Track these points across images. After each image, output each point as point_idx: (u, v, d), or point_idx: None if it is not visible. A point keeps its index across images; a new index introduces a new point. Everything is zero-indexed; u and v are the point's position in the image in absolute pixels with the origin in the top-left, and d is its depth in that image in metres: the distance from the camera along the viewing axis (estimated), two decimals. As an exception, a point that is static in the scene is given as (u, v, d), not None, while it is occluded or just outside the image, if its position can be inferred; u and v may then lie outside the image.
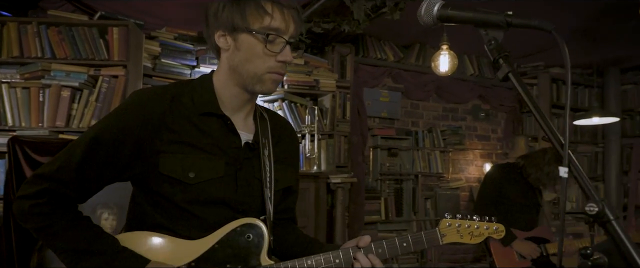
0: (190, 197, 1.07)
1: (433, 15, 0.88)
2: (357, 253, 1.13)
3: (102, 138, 1.05)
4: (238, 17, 1.07)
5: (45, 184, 1.03)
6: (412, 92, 4.66)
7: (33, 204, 1.02)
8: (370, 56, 4.43)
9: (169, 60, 3.49)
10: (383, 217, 4.18)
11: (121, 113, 1.08)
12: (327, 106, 3.96)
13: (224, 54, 1.13)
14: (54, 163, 1.05)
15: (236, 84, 1.13)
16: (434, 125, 4.71)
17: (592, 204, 0.63)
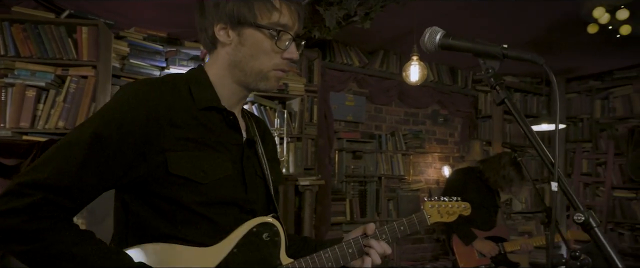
0: (201, 198, 0.98)
1: (435, 43, 0.98)
2: (368, 240, 1.17)
3: (105, 135, 0.91)
4: (246, 10, 1.01)
5: (39, 194, 0.86)
6: (376, 97, 4.81)
7: (25, 220, 0.85)
8: (336, 61, 4.54)
9: (138, 60, 3.45)
10: (348, 218, 4.31)
11: (123, 106, 0.94)
12: (296, 110, 4.04)
13: (223, 48, 1.05)
14: (43, 167, 0.88)
15: (235, 81, 1.07)
16: (396, 129, 4.88)
17: (580, 214, 0.75)
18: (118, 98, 0.96)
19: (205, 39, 1.07)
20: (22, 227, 0.85)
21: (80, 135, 0.91)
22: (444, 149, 5.24)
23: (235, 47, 1.04)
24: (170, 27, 3.66)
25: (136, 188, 0.97)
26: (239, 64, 1.05)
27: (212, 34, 1.04)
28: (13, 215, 0.85)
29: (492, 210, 3.37)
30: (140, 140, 0.93)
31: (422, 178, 4.97)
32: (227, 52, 1.05)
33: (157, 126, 0.95)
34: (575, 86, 5.69)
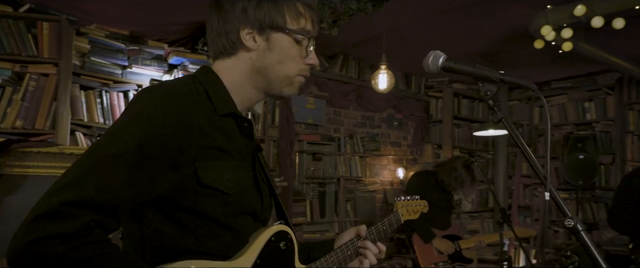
0: (227, 210, 0.94)
1: (438, 65, 1.09)
2: (363, 242, 1.24)
3: (148, 147, 0.83)
4: (277, 15, 1.00)
5: (90, 215, 0.77)
6: (335, 100, 4.93)
7: (74, 247, 0.75)
8: (298, 64, 4.61)
9: (99, 58, 3.35)
10: (308, 219, 4.39)
11: (160, 114, 0.86)
12: (259, 112, 4.07)
13: (247, 53, 1.02)
14: (87, 183, 0.79)
15: (255, 87, 1.04)
16: (354, 132, 5.03)
17: (570, 220, 0.88)
18: (152, 104, 0.88)
19: (223, 43, 1.02)
20: (69, 255, 0.75)
21: (123, 146, 0.83)
22: (398, 152, 5.46)
23: (262, 52, 1.01)
24: (134, 25, 3.59)
25: (158, 202, 0.90)
26: (264, 69, 1.02)
27: (236, 39, 1.00)
28: (60, 242, 0.75)
29: (448, 211, 3.59)
30: (176, 151, 0.87)
31: (378, 180, 5.16)
32: (251, 58, 1.02)
33: (190, 135, 0.89)
34: (516, 94, 6.11)
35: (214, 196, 0.92)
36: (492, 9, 3.56)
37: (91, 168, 0.81)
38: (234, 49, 1.02)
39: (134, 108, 0.89)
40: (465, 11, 3.59)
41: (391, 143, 5.41)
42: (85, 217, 0.77)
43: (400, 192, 5.30)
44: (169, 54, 3.71)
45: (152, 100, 0.88)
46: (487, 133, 4.89)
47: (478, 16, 3.71)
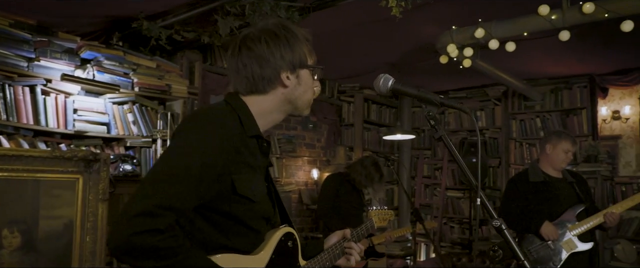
0: (253, 214, 1.17)
1: (387, 87, 1.25)
2: (348, 243, 1.48)
3: (208, 164, 1.06)
4: (302, 54, 1.25)
5: (172, 216, 1.00)
6: (253, 102, 4.99)
7: (162, 239, 0.98)
8: (217, 65, 4.60)
9: (3, 49, 3.06)
10: (227, 220, 4.40)
11: (214, 136, 1.10)
12: (178, 111, 3.99)
13: (283, 89, 1.24)
14: (167, 191, 1.01)
15: (283, 112, 1.29)
16: (271, 134, 5.12)
17: (496, 221, 1.09)
18: (208, 131, 1.10)
19: (263, 85, 1.23)
20: (160, 245, 0.97)
21: (191, 161, 1.05)
22: (312, 153, 5.65)
23: (294, 87, 1.25)
24: (42, 15, 3.33)
25: (199, 206, 1.11)
26: (294, 100, 1.27)
27: (276, 80, 1.23)
28: (155, 234, 0.97)
29: (361, 209, 3.84)
30: (222, 167, 1.10)
31: (294, 181, 5.31)
32: (284, 92, 1.25)
33: (231, 154, 1.12)
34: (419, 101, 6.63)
35: (244, 203, 1.16)
36: (405, 25, 3.88)
37: (171, 180, 1.03)
38: (271, 88, 1.24)
39: (195, 132, 1.11)
40: (382, 24, 3.87)
41: (306, 144, 5.59)
42: (170, 218, 1.00)
43: (314, 192, 5.50)
44: (82, 47, 3.50)
45: (208, 128, 1.11)
46: (395, 137, 5.28)
47: (392, 30, 4.02)
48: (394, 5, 2.52)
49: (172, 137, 1.15)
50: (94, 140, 3.50)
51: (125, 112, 3.65)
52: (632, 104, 5.19)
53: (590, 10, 2.93)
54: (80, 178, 2.69)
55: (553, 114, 5.58)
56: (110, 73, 3.56)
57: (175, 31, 3.60)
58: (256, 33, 1.24)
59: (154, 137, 3.71)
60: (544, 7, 3.10)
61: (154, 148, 3.74)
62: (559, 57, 4.81)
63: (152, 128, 3.73)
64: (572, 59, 4.88)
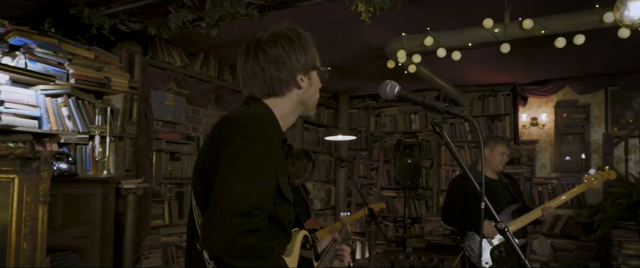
0: (290, 216, 1.22)
1: (395, 93, 1.29)
2: (340, 245, 1.55)
3: (275, 167, 1.11)
4: (314, 58, 1.31)
5: (265, 216, 1.05)
6: (194, 98, 4.81)
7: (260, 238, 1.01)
8: (158, 58, 4.38)
9: None
10: (167, 221, 4.20)
11: (273, 141, 1.14)
12: (118, 106, 3.75)
13: (298, 91, 1.30)
14: (253, 193, 1.03)
15: (297, 113, 1.33)
16: (212, 132, 4.98)
17: (501, 223, 1.16)
18: (270, 130, 1.15)
19: (280, 87, 1.27)
20: (258, 244, 1.01)
21: (266, 163, 1.09)
22: (253, 153, 5.57)
23: (306, 89, 1.31)
24: None
25: None
26: (307, 101, 1.33)
27: (292, 83, 1.27)
28: (254, 234, 1.00)
29: (304, 206, 3.87)
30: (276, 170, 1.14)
31: (234, 180, 5.19)
32: (298, 94, 1.30)
33: (281, 157, 1.18)
34: (356, 103, 6.81)
35: (283, 205, 1.19)
36: (354, 29, 3.96)
37: (257, 181, 1.07)
38: (286, 90, 1.28)
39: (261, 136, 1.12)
40: (333, 27, 3.92)
41: (247, 144, 5.49)
42: (264, 218, 1.05)
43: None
44: (10, 32, 3.16)
45: (270, 131, 1.15)
46: (336, 138, 5.37)
47: (341, 33, 4.08)
48: (363, 10, 2.56)
49: (233, 139, 1.11)
50: (23, 136, 3.18)
51: (59, 105, 3.35)
52: (548, 112, 5.73)
53: (529, 27, 3.20)
54: (16, 178, 2.43)
55: (480, 119, 5.99)
56: (43, 62, 3.26)
57: (119, 21, 3.37)
58: (270, 37, 1.28)
59: (92, 133, 3.45)
60: (488, 21, 3.32)
61: (91, 146, 3.48)
62: (488, 67, 5.18)
63: (90, 123, 3.47)
64: (499, 69, 5.28)
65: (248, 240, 0.99)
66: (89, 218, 3.31)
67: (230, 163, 1.07)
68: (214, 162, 1.13)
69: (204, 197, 1.16)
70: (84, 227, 3.29)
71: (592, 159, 5.43)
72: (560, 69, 5.24)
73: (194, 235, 1.20)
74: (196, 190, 1.21)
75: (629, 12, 2.08)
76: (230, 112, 1.29)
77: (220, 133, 1.15)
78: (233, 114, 1.21)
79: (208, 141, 1.21)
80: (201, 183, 1.17)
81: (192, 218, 1.22)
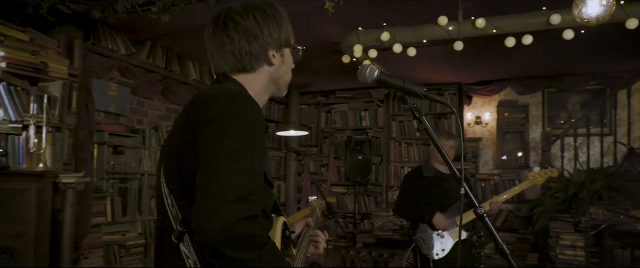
0: (271, 201, 1.15)
1: (374, 78, 1.25)
2: (314, 231, 1.48)
3: (261, 151, 1.03)
4: (288, 35, 1.24)
5: (260, 202, 0.96)
6: (140, 89, 4.57)
7: (260, 226, 0.95)
8: (101, 45, 4.11)
9: None
10: (109, 219, 3.95)
11: (257, 119, 1.04)
12: (56, 95, 3.47)
13: (269, 68, 1.21)
14: (245, 176, 0.95)
15: (269, 93, 1.26)
16: (158, 125, 4.75)
17: (482, 207, 1.15)
18: (251, 111, 1.04)
19: (249, 62, 1.18)
20: (257, 232, 0.93)
21: (255, 147, 1.00)
22: (201, 147, 5.38)
23: (279, 66, 1.23)
24: None
25: None
26: (278, 79, 1.25)
27: (264, 58, 1.19)
28: (252, 221, 0.92)
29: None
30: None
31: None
32: (270, 71, 1.22)
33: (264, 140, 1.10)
34: (307, 99, 6.77)
35: (267, 190, 1.12)
36: (310, 24, 3.92)
37: (249, 165, 0.98)
38: (258, 66, 1.20)
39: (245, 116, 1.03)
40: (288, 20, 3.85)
41: (195, 138, 5.30)
42: (260, 204, 0.96)
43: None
44: None
45: (253, 110, 1.05)
46: (289, 133, 5.31)
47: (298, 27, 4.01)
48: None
49: (215, 119, 1.01)
50: (-55, 124, 2.86)
51: (-15, 91, 3.05)
52: (491, 112, 5.98)
53: (482, 26, 3.30)
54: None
55: (428, 117, 6.15)
56: (-31, 43, 2.95)
57: (60, 1, 3.11)
58: (243, 7, 1.18)
59: (26, 123, 3.17)
60: (443, 18, 3.39)
61: (25, 137, 3.20)
62: (436, 67, 5.32)
63: (23, 112, 3.19)
64: (446, 69, 5.44)
65: (247, 227, 0.91)
66: (22, 216, 3.04)
67: (217, 146, 0.97)
68: (192, 145, 1.03)
69: (180, 184, 1.06)
70: (17, 225, 3.02)
71: (531, 157, 5.73)
72: (502, 70, 5.48)
73: (166, 227, 1.09)
74: (169, 177, 1.09)
75: (587, 10, 2.19)
76: (203, 90, 1.21)
77: (196, 113, 1.05)
78: (207, 92, 1.11)
79: (180, 123, 1.10)
80: (176, 169, 1.07)
81: (163, 209, 1.11)
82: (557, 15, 3.10)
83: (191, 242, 1.03)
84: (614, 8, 2.16)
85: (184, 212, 1.05)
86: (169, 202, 1.09)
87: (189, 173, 1.04)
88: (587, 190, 4.09)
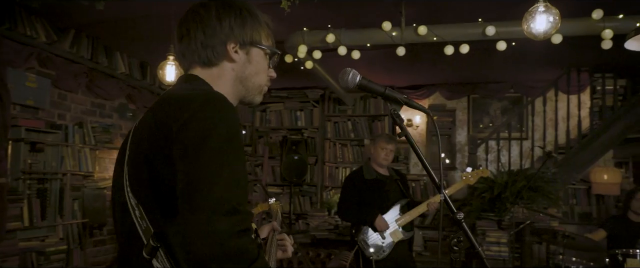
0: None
1: (355, 82, 1.23)
2: (281, 236, 1.44)
3: (242, 156, 0.98)
4: (256, 33, 1.16)
5: (248, 214, 0.91)
6: (62, 81, 4.20)
7: (252, 239, 0.91)
8: (18, 31, 3.72)
9: None
10: (26, 223, 3.57)
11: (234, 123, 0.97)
12: (-35, 84, 3.08)
13: (230, 64, 1.14)
14: (233, 188, 0.90)
15: (236, 95, 1.18)
16: (82, 120, 4.40)
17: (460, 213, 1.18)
18: (229, 114, 0.97)
19: (208, 54, 1.13)
20: (250, 246, 0.89)
21: (237, 152, 0.95)
22: (129, 145, 5.06)
23: (243, 64, 1.16)
24: None
25: None
26: (244, 80, 1.17)
27: (223, 51, 1.13)
28: (244, 234, 0.88)
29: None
30: None
31: (108, 175, 4.66)
32: (233, 69, 1.15)
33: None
34: (241, 97, 6.63)
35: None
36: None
37: (235, 172, 0.92)
38: (218, 60, 1.14)
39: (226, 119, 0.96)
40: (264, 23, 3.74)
41: (122, 135, 4.97)
42: (250, 214, 0.92)
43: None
44: None
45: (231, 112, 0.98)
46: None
47: (240, 22, 3.92)
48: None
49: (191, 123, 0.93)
50: None
51: None
52: (421, 115, 6.25)
53: (424, 33, 3.43)
54: None
55: (362, 118, 6.28)
56: None
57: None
58: (206, 1, 1.16)
59: None
60: (386, 23, 3.47)
61: None
62: (372, 70, 5.45)
63: None
64: (380, 72, 5.60)
65: (240, 242, 0.87)
66: None
67: (198, 152, 0.90)
68: (166, 153, 0.94)
69: (151, 195, 0.97)
70: None
71: (457, 158, 6.07)
72: (432, 75, 5.75)
73: (133, 242, 1.00)
74: (137, 187, 0.99)
75: (535, 25, 2.35)
76: (171, 91, 1.10)
77: (167, 116, 0.97)
78: (177, 93, 1.04)
79: (149, 126, 1.00)
80: (148, 178, 0.97)
81: (128, 221, 1.00)
82: (492, 27, 3.31)
83: (166, 257, 0.95)
84: (559, 24, 2.35)
85: (156, 225, 0.97)
86: (137, 214, 1.00)
87: (163, 183, 0.96)
88: (510, 190, 4.41)
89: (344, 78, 1.24)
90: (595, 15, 3.11)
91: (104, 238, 4.57)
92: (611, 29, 3.12)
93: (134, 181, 1.00)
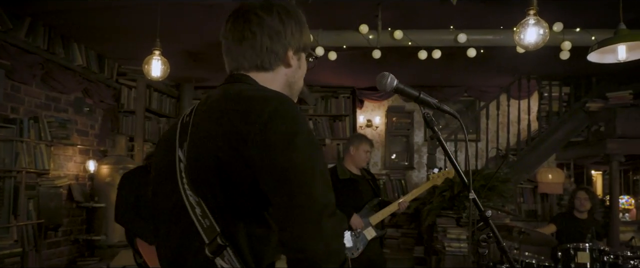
0: None
1: (393, 86, 1.29)
2: None
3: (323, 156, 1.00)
4: (308, 39, 1.20)
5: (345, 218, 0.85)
6: (16, 72, 3.92)
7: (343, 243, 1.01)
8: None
9: None
10: (-21, 224, 3.31)
11: (307, 123, 1.00)
12: None
13: (285, 70, 1.16)
14: (326, 190, 0.92)
15: None
16: (37, 114, 4.12)
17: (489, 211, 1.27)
18: (300, 113, 0.99)
19: (269, 59, 1.13)
20: (344, 248, 0.95)
21: (322, 157, 0.98)
22: (85, 142, 4.81)
23: (295, 69, 1.18)
24: None
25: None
26: (293, 84, 1.19)
27: (283, 57, 1.14)
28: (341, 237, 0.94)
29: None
30: None
31: (63, 173, 4.40)
32: (286, 74, 1.17)
33: None
34: (200, 94, 6.47)
35: None
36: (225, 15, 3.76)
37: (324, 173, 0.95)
38: (275, 65, 1.15)
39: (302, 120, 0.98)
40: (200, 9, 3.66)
41: (78, 131, 4.72)
42: (344, 216, 0.99)
43: (87, 187, 4.71)
44: None
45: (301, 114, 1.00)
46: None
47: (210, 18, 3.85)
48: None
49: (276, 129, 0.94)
50: None
51: None
52: (381, 115, 6.42)
53: (399, 37, 3.54)
54: None
55: (323, 118, 6.36)
56: None
57: None
58: (266, 4, 1.13)
59: None
60: (364, 26, 3.56)
61: None
62: (335, 70, 5.53)
63: None
64: (343, 73, 5.69)
65: (340, 242, 0.92)
66: None
67: (288, 152, 0.92)
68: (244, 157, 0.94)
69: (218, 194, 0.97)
70: None
71: (414, 159, 6.30)
72: (392, 78, 5.91)
73: (189, 241, 0.99)
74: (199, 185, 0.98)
75: (525, 36, 2.51)
76: (232, 91, 1.05)
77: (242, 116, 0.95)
78: (244, 94, 1.01)
79: (217, 124, 0.98)
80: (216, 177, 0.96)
81: (185, 219, 0.99)
82: (463, 34, 3.48)
83: (235, 256, 0.96)
84: (548, 37, 2.53)
85: (224, 225, 0.97)
86: (198, 212, 0.99)
87: (236, 184, 0.96)
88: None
89: (382, 81, 1.29)
90: (556, 28, 3.36)
91: (59, 239, 4.32)
92: (570, 41, 3.40)
93: (196, 179, 0.99)
